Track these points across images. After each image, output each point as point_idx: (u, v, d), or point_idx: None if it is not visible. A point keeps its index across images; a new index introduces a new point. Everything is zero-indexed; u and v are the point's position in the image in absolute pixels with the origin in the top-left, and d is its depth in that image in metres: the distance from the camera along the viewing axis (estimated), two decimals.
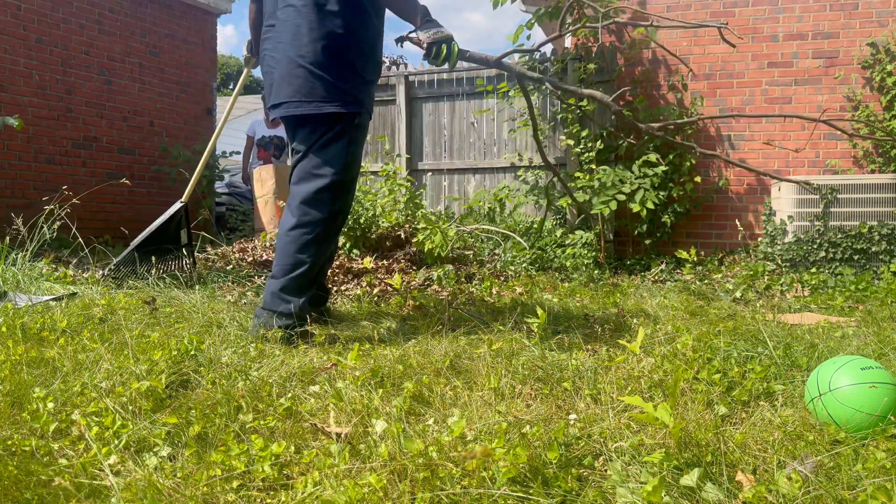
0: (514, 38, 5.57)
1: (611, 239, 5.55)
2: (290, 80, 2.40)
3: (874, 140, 5.12)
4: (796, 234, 4.92)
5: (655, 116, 5.57)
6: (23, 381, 1.68)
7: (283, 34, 2.43)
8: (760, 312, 3.25)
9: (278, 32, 2.45)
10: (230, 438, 1.35)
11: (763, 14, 5.59)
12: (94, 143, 6.51)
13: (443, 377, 1.84)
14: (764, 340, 2.26)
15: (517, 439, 1.31)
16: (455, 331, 2.47)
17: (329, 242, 2.50)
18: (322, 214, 2.41)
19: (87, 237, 6.19)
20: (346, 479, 1.16)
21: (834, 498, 1.13)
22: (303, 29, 2.38)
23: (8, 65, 5.78)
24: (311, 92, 2.38)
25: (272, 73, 2.48)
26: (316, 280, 2.53)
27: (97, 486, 1.17)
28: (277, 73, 2.44)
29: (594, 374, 1.87)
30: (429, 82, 6.59)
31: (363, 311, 3.06)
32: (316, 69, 2.37)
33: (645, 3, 5.82)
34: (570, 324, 2.85)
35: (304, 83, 2.38)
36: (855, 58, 5.40)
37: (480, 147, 6.50)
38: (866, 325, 2.89)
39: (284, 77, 2.42)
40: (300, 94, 2.39)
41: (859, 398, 1.46)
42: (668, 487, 1.16)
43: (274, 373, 1.86)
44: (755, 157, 5.64)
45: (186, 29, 7.38)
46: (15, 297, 3.07)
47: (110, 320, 2.49)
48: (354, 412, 1.50)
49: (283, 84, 2.42)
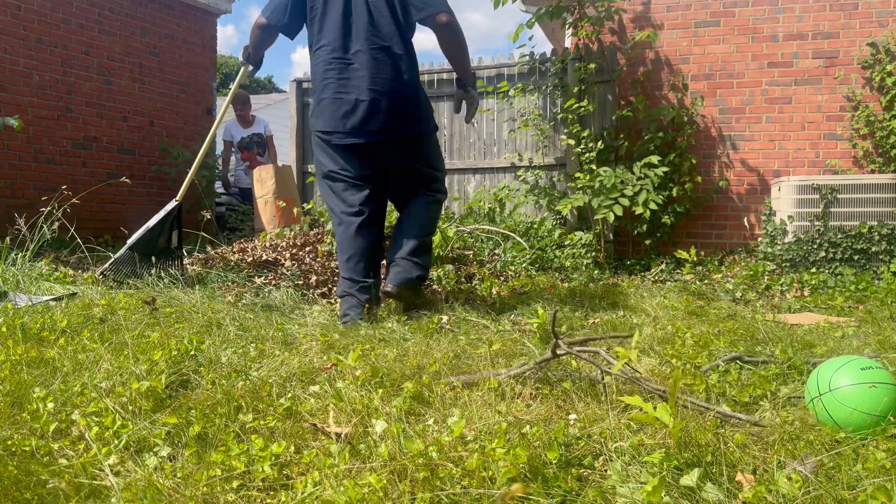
0: (514, 37, 5.58)
1: (610, 239, 5.55)
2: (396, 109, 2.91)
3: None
4: (796, 234, 4.92)
5: (656, 116, 5.57)
6: (23, 381, 1.68)
7: (379, 69, 2.88)
8: (760, 312, 3.24)
9: (364, 68, 2.87)
10: (230, 438, 1.35)
11: (763, 14, 5.59)
12: (94, 143, 6.51)
13: (443, 377, 1.84)
14: (764, 340, 2.26)
15: (517, 439, 1.31)
16: (455, 331, 2.47)
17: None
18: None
19: (87, 237, 6.19)
20: (346, 479, 1.16)
21: (834, 498, 1.13)
22: (401, 66, 2.92)
23: (8, 65, 5.78)
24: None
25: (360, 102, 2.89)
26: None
27: (97, 487, 1.17)
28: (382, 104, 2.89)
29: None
30: (429, 82, 6.58)
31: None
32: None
33: (648, 4, 5.82)
34: (571, 324, 2.85)
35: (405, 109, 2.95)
36: (855, 58, 5.40)
37: (480, 147, 6.50)
38: (866, 324, 2.89)
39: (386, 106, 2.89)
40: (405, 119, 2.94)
41: (859, 398, 1.46)
42: (668, 487, 1.16)
43: (274, 373, 1.86)
44: (756, 156, 5.64)
45: (186, 29, 7.38)
46: (15, 297, 3.07)
47: (110, 320, 2.49)
48: (354, 412, 1.50)
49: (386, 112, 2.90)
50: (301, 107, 7.03)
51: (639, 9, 5.82)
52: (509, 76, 6.28)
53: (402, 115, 2.91)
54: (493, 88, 6.18)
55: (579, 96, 5.61)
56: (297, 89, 7.01)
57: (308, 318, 2.85)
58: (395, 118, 2.89)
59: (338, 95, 2.89)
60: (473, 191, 6.42)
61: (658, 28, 5.76)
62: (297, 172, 6.95)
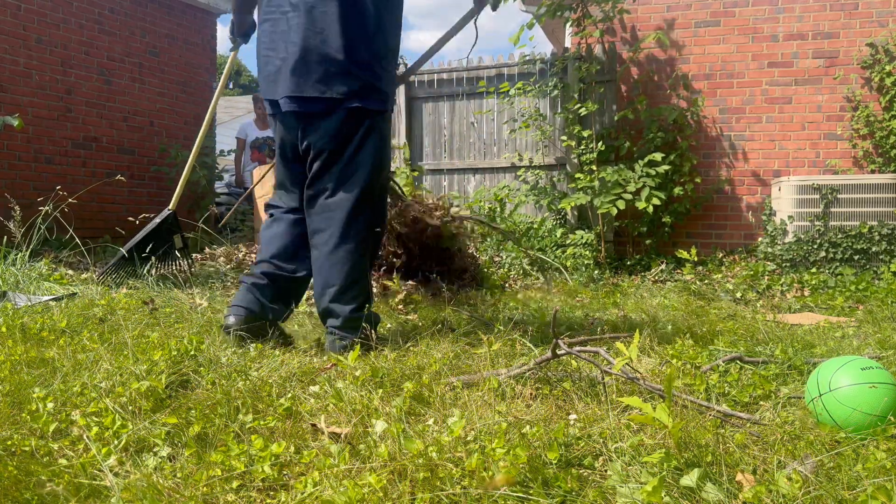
0: (515, 39, 5.58)
1: (611, 239, 5.54)
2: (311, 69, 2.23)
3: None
4: (796, 234, 4.92)
5: (657, 116, 5.57)
6: (23, 381, 1.68)
7: (302, 20, 2.24)
8: (761, 312, 3.24)
9: (293, 17, 2.26)
10: (230, 438, 1.35)
11: (763, 14, 5.59)
12: (94, 143, 6.51)
13: (443, 377, 1.84)
14: (764, 340, 2.26)
15: (517, 439, 1.31)
16: (455, 331, 2.47)
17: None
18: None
19: (87, 237, 6.19)
20: (346, 480, 1.16)
21: (834, 498, 1.13)
22: (329, 15, 2.21)
23: (8, 65, 5.78)
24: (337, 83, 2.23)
25: (280, 62, 2.29)
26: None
27: (97, 487, 1.17)
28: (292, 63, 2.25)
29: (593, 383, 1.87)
30: (429, 82, 6.58)
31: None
32: (342, 57, 2.22)
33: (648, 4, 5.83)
34: (571, 323, 2.85)
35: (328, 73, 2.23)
36: (855, 58, 5.40)
37: (480, 147, 6.50)
38: (866, 324, 2.89)
39: (300, 67, 2.24)
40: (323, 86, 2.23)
41: (859, 398, 1.46)
42: (668, 487, 1.16)
43: (274, 373, 1.86)
44: (756, 156, 5.64)
45: (186, 29, 7.38)
46: (14, 297, 3.07)
47: (110, 320, 2.49)
48: (354, 412, 1.50)
49: (300, 74, 2.24)
50: None
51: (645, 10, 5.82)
52: (510, 76, 6.28)
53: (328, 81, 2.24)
54: (493, 88, 6.18)
55: (580, 96, 5.62)
56: None
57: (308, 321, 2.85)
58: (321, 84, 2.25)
59: (267, 53, 2.36)
60: (473, 191, 6.42)
61: (669, 29, 5.76)
62: None
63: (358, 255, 2.29)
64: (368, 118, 2.29)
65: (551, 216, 5.73)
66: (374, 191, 2.35)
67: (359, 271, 2.29)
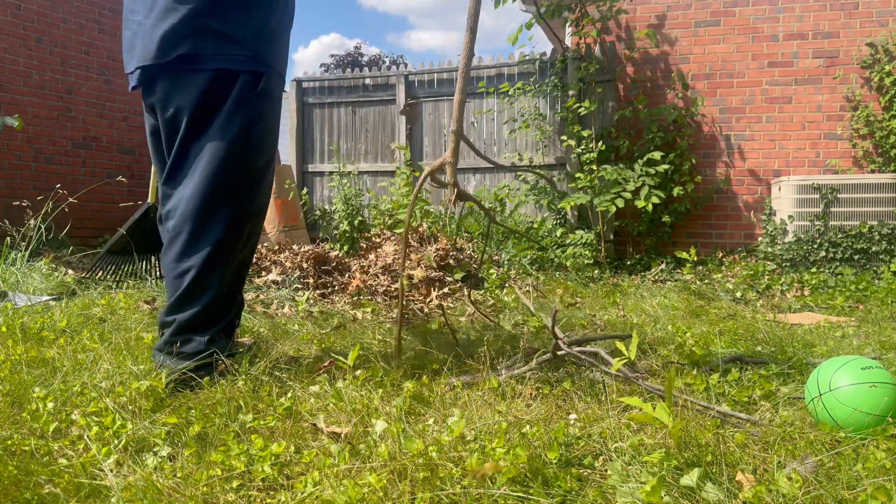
0: (514, 39, 5.58)
1: (611, 239, 5.54)
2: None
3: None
4: (796, 234, 4.92)
5: (657, 116, 5.57)
6: (23, 381, 1.68)
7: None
8: (761, 312, 3.24)
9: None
10: (230, 438, 1.35)
11: (763, 14, 5.59)
12: (94, 143, 6.51)
13: (443, 377, 1.84)
14: (764, 340, 2.26)
15: (517, 439, 1.31)
16: (456, 331, 2.47)
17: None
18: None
19: (87, 237, 6.17)
20: (346, 479, 1.16)
21: (834, 498, 1.13)
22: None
23: (8, 64, 5.77)
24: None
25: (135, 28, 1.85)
26: None
27: (97, 486, 1.17)
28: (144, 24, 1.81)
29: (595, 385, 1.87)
30: (428, 82, 6.58)
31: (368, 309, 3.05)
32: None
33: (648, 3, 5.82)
34: (571, 323, 2.85)
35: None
36: (854, 58, 5.40)
37: (480, 147, 6.50)
38: (866, 324, 2.89)
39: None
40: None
41: (859, 398, 1.46)
42: (667, 487, 1.16)
43: (274, 372, 1.86)
44: (756, 156, 5.64)
45: None
46: (14, 297, 3.07)
47: (110, 320, 2.49)
48: (354, 412, 1.50)
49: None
50: (301, 106, 7.02)
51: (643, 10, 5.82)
52: (510, 76, 6.28)
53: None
54: (493, 88, 6.18)
55: (579, 96, 5.61)
56: (296, 89, 7.01)
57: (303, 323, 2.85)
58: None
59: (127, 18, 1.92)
60: (474, 190, 6.42)
61: (660, 26, 5.76)
62: (297, 172, 6.95)
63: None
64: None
65: (551, 216, 5.73)
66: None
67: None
